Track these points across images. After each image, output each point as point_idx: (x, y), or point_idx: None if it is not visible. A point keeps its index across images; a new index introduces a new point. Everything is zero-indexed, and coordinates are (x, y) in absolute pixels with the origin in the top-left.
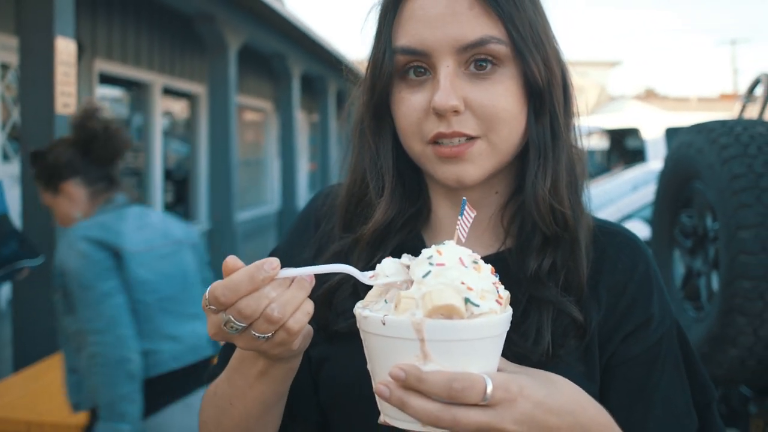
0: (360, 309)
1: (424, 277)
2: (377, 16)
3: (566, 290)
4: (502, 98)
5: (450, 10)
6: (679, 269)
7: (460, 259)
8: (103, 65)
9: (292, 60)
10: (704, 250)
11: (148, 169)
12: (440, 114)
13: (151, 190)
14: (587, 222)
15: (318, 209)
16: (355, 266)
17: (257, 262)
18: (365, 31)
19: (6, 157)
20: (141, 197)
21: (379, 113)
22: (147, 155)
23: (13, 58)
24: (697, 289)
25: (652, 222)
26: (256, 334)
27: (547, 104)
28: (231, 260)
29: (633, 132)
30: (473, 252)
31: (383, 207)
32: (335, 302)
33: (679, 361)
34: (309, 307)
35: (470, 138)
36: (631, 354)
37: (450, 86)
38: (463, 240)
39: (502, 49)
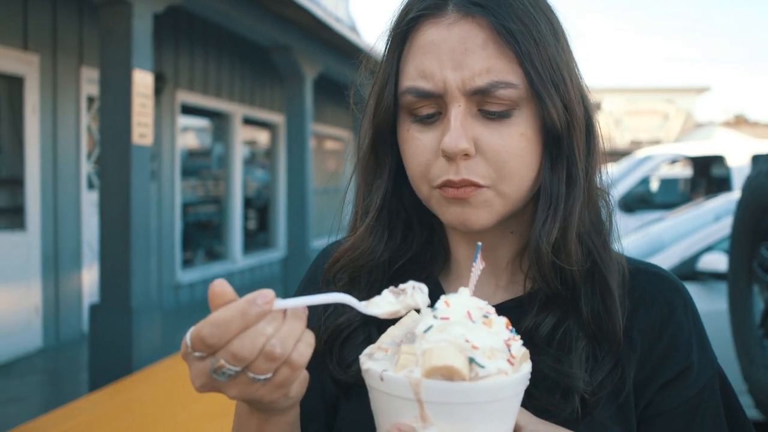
0: (364, 358)
1: (425, 332)
2: (385, 45)
3: (600, 343)
4: (516, 144)
5: (462, 46)
6: (758, 305)
7: (468, 313)
8: (184, 96)
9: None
10: None
11: (227, 197)
12: (449, 157)
13: (230, 217)
14: (618, 264)
15: (320, 266)
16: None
17: (249, 296)
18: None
19: (91, 186)
20: (222, 225)
21: (379, 150)
22: (227, 183)
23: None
24: None
25: (729, 254)
26: (254, 377)
27: (564, 150)
28: (219, 286)
29: (718, 160)
30: (487, 304)
31: (352, 242)
32: (344, 352)
33: (722, 415)
34: (310, 338)
35: (478, 186)
36: (669, 405)
37: (461, 127)
38: (470, 293)
39: (513, 93)
